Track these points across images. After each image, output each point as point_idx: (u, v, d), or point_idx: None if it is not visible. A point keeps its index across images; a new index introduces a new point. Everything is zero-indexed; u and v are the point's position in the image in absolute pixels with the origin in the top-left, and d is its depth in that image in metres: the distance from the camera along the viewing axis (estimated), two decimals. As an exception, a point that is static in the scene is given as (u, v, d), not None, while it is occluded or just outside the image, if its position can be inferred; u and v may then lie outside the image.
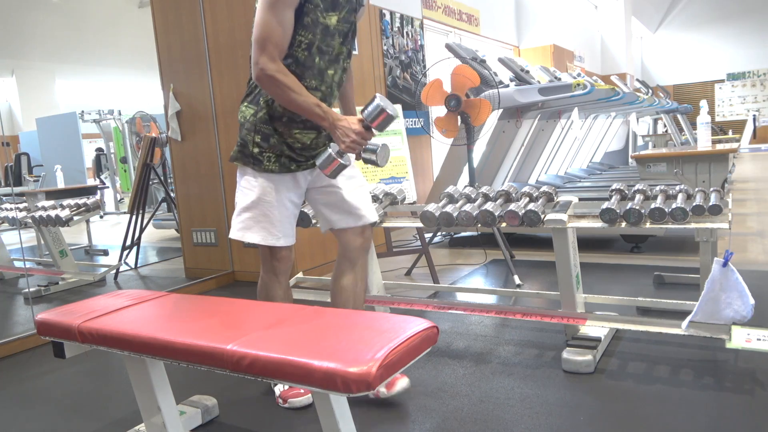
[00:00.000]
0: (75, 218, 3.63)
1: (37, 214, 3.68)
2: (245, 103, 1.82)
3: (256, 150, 1.76)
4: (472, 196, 2.24)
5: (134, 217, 4.23)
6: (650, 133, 9.53)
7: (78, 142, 4.80)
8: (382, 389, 1.82)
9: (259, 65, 1.62)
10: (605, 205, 1.95)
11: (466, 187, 2.35)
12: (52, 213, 3.63)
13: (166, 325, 1.43)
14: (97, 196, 4.13)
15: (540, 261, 3.81)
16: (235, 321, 1.43)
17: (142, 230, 4.28)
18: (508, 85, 4.12)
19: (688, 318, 1.87)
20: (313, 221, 2.39)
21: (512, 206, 2.07)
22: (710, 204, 1.84)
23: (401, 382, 1.86)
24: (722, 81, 15.73)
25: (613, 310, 2.24)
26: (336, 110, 1.78)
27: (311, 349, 1.18)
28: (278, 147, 1.76)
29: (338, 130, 1.65)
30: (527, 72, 4.15)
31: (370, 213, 1.96)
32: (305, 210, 2.39)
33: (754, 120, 13.26)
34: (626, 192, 2.05)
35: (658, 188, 2.02)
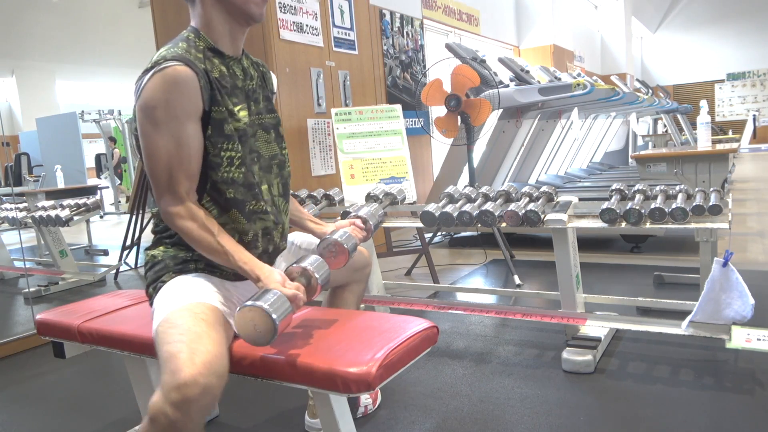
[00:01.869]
0: (75, 218, 3.62)
1: (37, 214, 3.68)
2: (155, 248, 1.37)
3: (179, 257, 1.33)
4: (472, 196, 2.24)
5: (134, 217, 4.23)
6: (650, 133, 9.53)
7: (78, 142, 4.80)
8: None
9: (162, 209, 1.24)
10: (605, 205, 1.95)
11: (466, 187, 2.35)
12: (52, 213, 3.62)
13: (166, 325, 1.43)
14: (97, 196, 4.13)
15: (540, 261, 3.81)
16: (235, 321, 1.42)
17: (142, 230, 4.27)
18: (508, 85, 4.12)
19: (688, 318, 1.87)
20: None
21: (512, 206, 2.07)
22: (710, 204, 1.84)
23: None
24: (722, 81, 15.73)
25: (613, 310, 2.24)
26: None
27: (311, 349, 1.17)
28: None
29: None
30: (527, 72, 4.16)
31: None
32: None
33: (754, 120, 13.27)
34: (626, 192, 2.05)
35: (658, 188, 2.02)
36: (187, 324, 1.13)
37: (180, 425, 1.02)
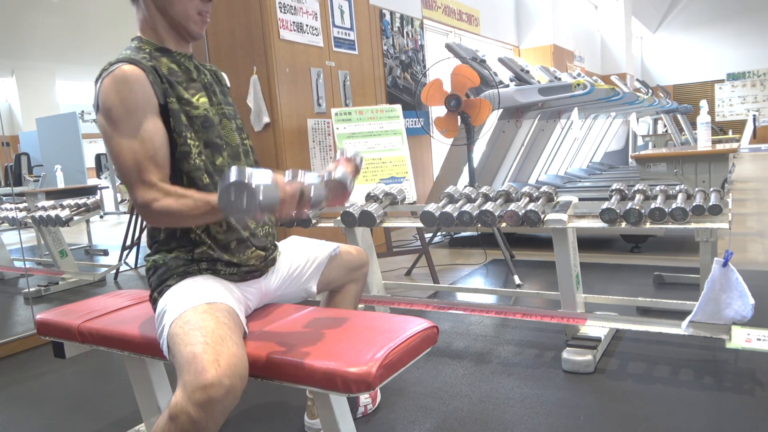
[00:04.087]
0: (75, 218, 3.62)
1: (37, 214, 3.68)
2: (155, 255, 1.35)
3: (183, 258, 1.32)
4: (472, 196, 2.24)
5: (134, 217, 4.23)
6: (650, 133, 9.53)
7: (78, 142, 4.79)
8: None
9: (138, 203, 1.19)
10: (605, 205, 1.95)
11: (466, 187, 2.35)
12: (52, 213, 3.62)
13: (166, 325, 1.43)
14: (97, 196, 4.13)
15: (540, 261, 3.80)
16: (235, 321, 1.42)
17: (142, 230, 4.27)
18: (508, 85, 4.12)
19: (688, 318, 1.87)
20: (313, 221, 2.39)
21: (512, 206, 2.07)
22: (710, 204, 1.84)
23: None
24: (722, 81, 15.72)
25: (613, 310, 2.24)
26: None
27: (311, 349, 1.17)
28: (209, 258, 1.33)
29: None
30: (527, 72, 4.16)
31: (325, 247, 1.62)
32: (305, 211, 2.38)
33: (754, 120, 13.26)
34: (626, 192, 2.05)
35: (658, 188, 2.02)
36: (210, 326, 1.13)
37: (202, 425, 1.02)
